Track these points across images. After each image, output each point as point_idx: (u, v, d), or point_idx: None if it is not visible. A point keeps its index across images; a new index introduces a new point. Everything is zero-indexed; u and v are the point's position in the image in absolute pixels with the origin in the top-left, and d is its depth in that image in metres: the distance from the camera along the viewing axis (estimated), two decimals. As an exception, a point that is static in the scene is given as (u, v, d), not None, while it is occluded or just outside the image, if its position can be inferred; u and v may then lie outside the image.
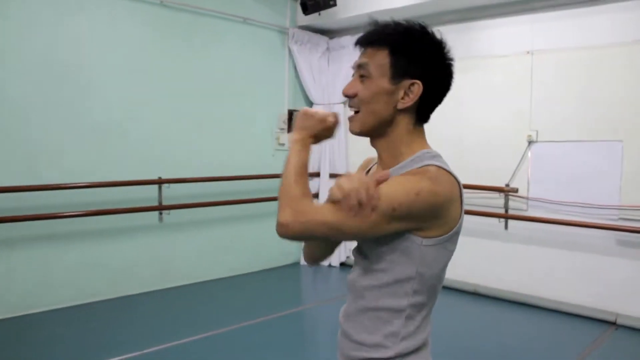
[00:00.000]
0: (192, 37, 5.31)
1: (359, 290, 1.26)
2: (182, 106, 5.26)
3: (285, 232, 1.14)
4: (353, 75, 1.28)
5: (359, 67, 1.25)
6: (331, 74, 6.36)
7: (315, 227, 1.13)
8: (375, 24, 1.26)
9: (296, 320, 4.63)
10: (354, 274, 1.30)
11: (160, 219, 5.12)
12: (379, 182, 1.11)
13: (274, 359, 3.65)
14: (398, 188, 1.11)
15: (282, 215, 1.14)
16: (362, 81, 1.24)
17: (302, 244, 1.49)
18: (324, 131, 1.30)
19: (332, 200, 1.10)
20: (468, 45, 5.16)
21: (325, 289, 5.80)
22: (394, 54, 1.21)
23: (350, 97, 1.26)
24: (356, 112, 1.26)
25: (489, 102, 5.14)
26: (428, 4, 5.11)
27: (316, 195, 6.29)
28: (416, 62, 1.21)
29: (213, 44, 5.49)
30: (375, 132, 1.27)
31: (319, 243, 1.42)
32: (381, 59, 1.22)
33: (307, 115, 1.30)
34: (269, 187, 5.90)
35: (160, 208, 5.06)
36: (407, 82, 1.21)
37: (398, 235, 1.16)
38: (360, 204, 1.07)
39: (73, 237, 4.61)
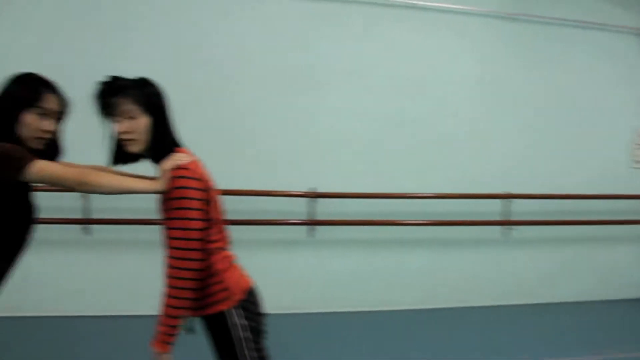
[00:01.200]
0: (539, 48, 5.12)
1: None
2: (528, 120, 5.12)
3: None
4: None
5: None
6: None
7: None
8: None
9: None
10: None
11: (505, 235, 5.06)
12: None
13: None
14: None
15: None
16: None
17: None
18: None
19: None
20: None
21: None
22: None
23: None
24: None
25: None
26: None
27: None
28: None
29: (561, 54, 5.19)
30: None
31: None
32: None
33: None
34: (624, 208, 5.28)
35: (507, 223, 4.99)
36: None
37: None
38: None
39: (420, 244, 4.93)
